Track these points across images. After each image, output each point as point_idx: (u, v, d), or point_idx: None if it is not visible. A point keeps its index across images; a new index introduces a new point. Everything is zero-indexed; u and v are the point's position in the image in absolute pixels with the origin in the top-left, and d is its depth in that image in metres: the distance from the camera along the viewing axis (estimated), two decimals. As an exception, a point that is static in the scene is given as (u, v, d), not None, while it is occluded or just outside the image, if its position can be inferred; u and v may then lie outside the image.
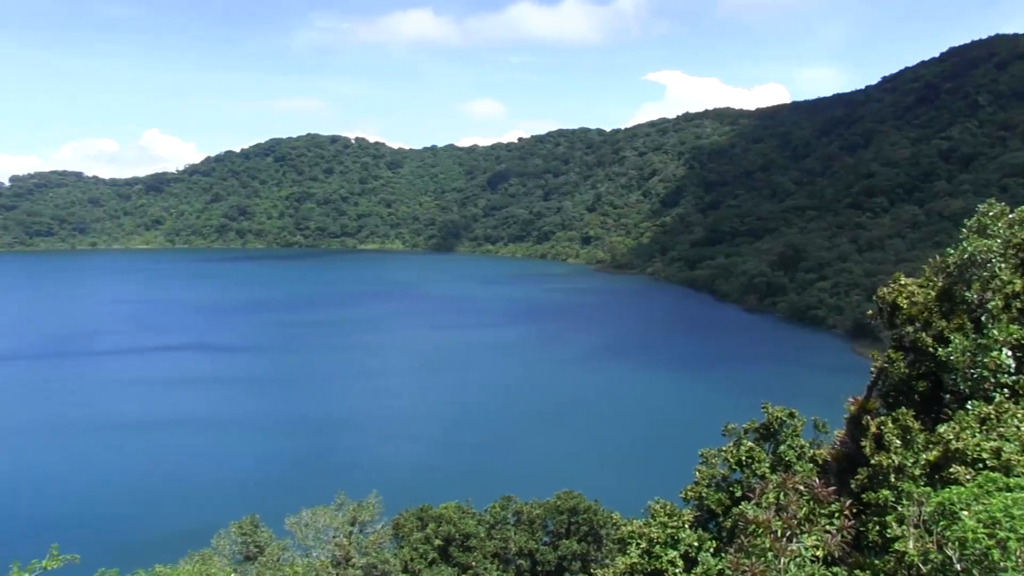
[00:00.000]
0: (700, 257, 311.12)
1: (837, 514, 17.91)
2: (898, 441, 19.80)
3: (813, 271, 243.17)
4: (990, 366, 20.03)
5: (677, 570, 21.43)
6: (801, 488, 17.74)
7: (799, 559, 15.62)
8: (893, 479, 19.08)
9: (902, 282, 23.79)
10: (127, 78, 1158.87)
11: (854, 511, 18.81)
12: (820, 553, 16.20)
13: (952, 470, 17.74)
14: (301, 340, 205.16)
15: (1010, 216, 23.30)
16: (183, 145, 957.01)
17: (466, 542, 54.56)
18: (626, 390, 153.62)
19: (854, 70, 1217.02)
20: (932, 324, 22.31)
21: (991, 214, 23.15)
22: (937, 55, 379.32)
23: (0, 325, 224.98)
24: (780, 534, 15.72)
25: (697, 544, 21.86)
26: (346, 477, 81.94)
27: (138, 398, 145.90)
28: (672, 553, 21.74)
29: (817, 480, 19.45)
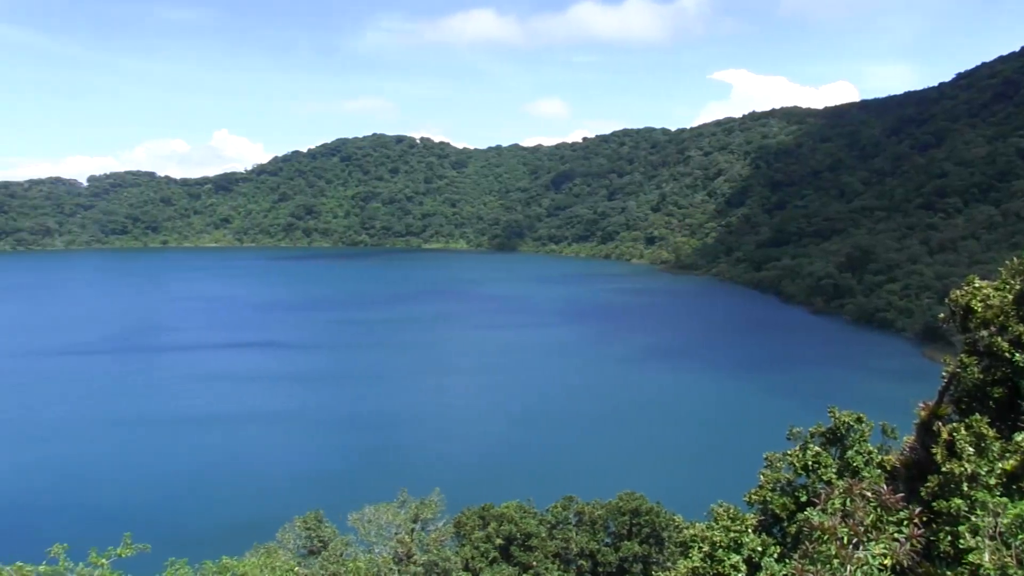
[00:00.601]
0: (766, 258, 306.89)
1: (906, 522, 17.41)
2: (971, 449, 19.21)
3: (882, 273, 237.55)
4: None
5: (740, 575, 21.14)
6: (868, 494, 17.30)
7: (866, 567, 15.25)
8: (966, 488, 18.52)
9: (976, 285, 23.09)
10: (198, 80, 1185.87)
11: (924, 520, 18.31)
12: (888, 562, 15.78)
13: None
14: (365, 338, 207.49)
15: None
16: (251, 145, 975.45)
17: (527, 541, 54.55)
18: (689, 391, 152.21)
19: (927, 67, 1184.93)
20: (1009, 328, 21.61)
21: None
22: (1017, 49, 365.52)
23: (77, 320, 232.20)
24: (846, 541, 15.36)
25: (761, 549, 21.52)
26: (408, 474, 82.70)
27: (207, 393, 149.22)
28: (735, 557, 21.43)
29: (885, 487, 18.94)
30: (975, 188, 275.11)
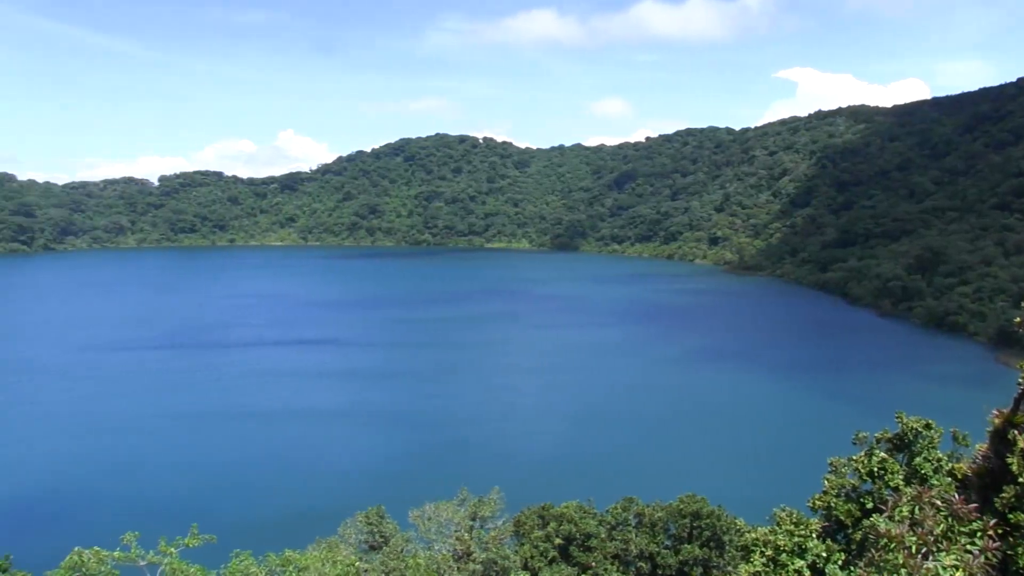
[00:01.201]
0: (832, 259, 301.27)
1: (979, 533, 16.83)
2: (1049, 459, 18.60)
3: (953, 275, 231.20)
4: None
5: (803, 581, 20.77)
6: (938, 503, 16.77)
7: (935, 578, 14.85)
8: (1044, 500, 17.91)
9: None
10: (264, 82, 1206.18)
11: (999, 532, 17.75)
12: (960, 574, 15.32)
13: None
14: (425, 336, 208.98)
15: None
16: (316, 145, 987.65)
17: (586, 542, 54.34)
18: (750, 393, 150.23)
19: (1003, 62, 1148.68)
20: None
21: None
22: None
23: (144, 316, 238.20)
24: (915, 550, 14.92)
25: (825, 555, 21.12)
26: (468, 472, 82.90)
27: (270, 388, 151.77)
28: (799, 563, 21.06)
29: (956, 496, 18.39)
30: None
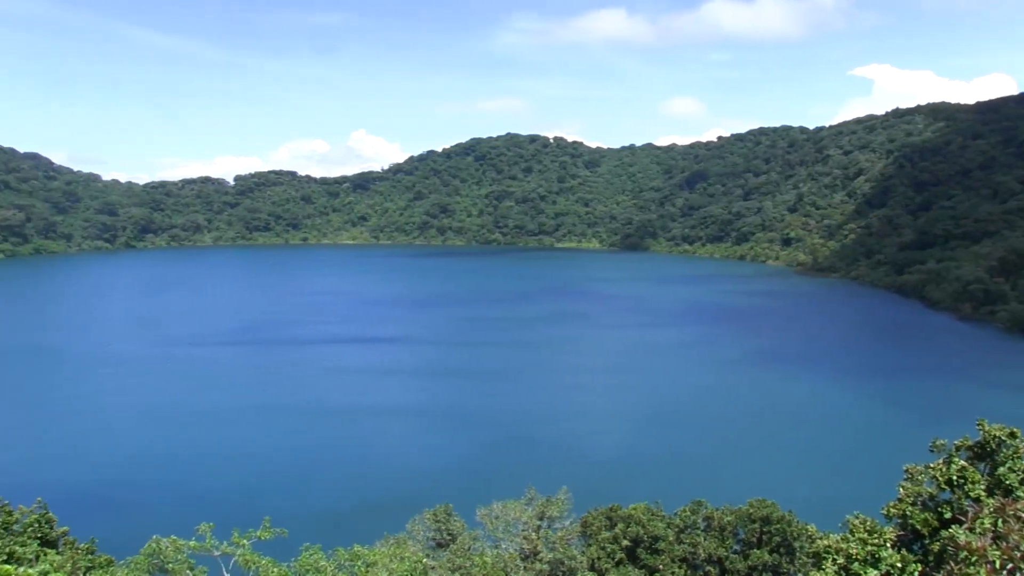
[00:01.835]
0: (909, 261, 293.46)
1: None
2: None
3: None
4: None
5: (877, 591, 20.29)
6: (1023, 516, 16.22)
7: (1019, 594, 14.28)
8: None
9: None
10: (337, 82, 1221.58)
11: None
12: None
13: None
14: (494, 335, 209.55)
15: None
16: (388, 145, 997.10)
17: (654, 544, 53.95)
18: (823, 397, 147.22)
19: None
20: None
21: None
22: None
23: (221, 313, 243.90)
24: (998, 566, 14.36)
25: (900, 566, 20.59)
26: (536, 472, 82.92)
27: (341, 385, 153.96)
28: (872, 572, 20.57)
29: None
30: None
